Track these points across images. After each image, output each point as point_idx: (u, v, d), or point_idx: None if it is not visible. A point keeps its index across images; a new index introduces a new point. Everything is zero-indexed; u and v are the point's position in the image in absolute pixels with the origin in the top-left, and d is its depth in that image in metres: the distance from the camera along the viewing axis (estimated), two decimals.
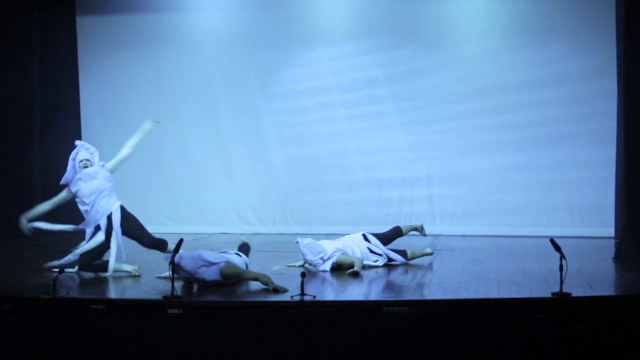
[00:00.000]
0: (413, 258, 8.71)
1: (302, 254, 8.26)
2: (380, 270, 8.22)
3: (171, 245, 7.77)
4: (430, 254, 8.91)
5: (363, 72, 12.20)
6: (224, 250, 7.62)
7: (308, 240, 8.30)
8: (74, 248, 8.22)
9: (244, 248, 8.16)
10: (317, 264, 8.20)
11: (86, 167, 8.13)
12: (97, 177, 8.10)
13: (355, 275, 7.82)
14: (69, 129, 12.36)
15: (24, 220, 8.13)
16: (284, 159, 12.45)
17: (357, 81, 12.23)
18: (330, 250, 8.27)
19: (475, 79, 11.85)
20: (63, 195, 8.20)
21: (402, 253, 8.65)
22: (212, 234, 12.13)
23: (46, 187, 11.92)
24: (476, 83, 11.84)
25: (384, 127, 12.16)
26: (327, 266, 8.17)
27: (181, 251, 6.75)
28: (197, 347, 6.15)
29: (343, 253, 8.28)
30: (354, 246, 8.47)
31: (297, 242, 8.32)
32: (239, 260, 7.33)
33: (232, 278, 6.96)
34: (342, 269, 8.09)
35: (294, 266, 8.32)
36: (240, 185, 12.53)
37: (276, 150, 12.48)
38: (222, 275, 6.87)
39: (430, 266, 8.41)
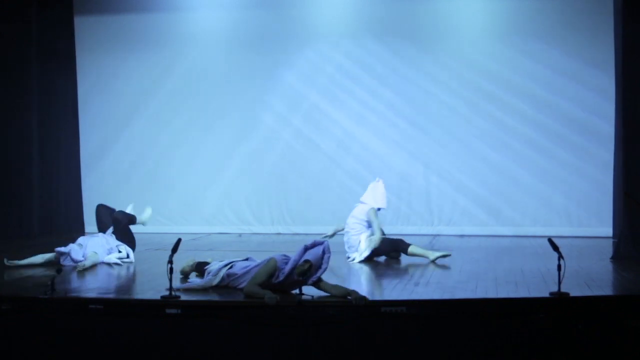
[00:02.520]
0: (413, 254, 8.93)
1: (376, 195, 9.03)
2: (378, 270, 8.23)
3: None
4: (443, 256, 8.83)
5: (362, 72, 12.21)
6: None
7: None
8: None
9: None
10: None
11: None
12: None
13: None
14: (67, 128, 12.38)
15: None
16: (282, 158, 12.45)
17: (356, 81, 12.23)
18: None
19: (474, 79, 11.85)
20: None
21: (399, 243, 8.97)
22: (210, 234, 12.13)
23: (44, 186, 11.95)
24: (475, 83, 11.85)
25: (382, 126, 12.17)
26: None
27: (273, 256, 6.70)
28: (195, 347, 6.15)
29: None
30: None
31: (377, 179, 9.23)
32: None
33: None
34: None
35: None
36: (239, 185, 12.52)
37: (274, 150, 12.47)
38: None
39: (428, 266, 8.42)
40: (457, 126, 11.92)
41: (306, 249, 6.44)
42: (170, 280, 6.35)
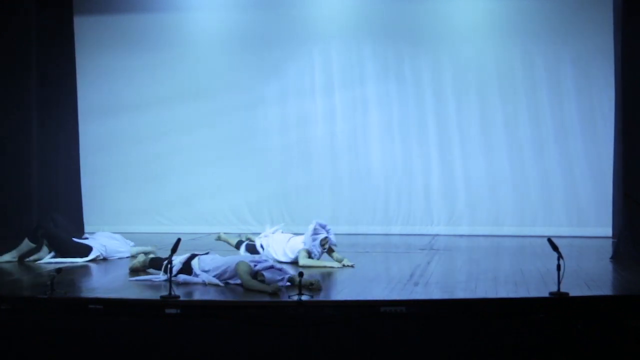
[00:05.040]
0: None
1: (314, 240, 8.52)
2: (378, 270, 8.22)
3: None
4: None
5: (361, 72, 12.20)
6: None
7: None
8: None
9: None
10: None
11: None
12: None
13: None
14: (66, 128, 12.36)
15: None
16: (281, 158, 12.45)
17: (355, 80, 12.23)
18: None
19: (473, 78, 11.86)
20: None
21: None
22: (209, 234, 12.11)
23: (43, 184, 11.93)
24: (474, 83, 11.85)
25: (382, 126, 12.17)
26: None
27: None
28: (195, 347, 6.15)
29: None
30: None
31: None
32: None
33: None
34: None
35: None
36: (238, 185, 12.52)
37: (273, 150, 12.47)
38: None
39: (428, 266, 8.41)
40: (457, 126, 11.91)
41: (271, 267, 6.87)
42: (170, 280, 6.35)
